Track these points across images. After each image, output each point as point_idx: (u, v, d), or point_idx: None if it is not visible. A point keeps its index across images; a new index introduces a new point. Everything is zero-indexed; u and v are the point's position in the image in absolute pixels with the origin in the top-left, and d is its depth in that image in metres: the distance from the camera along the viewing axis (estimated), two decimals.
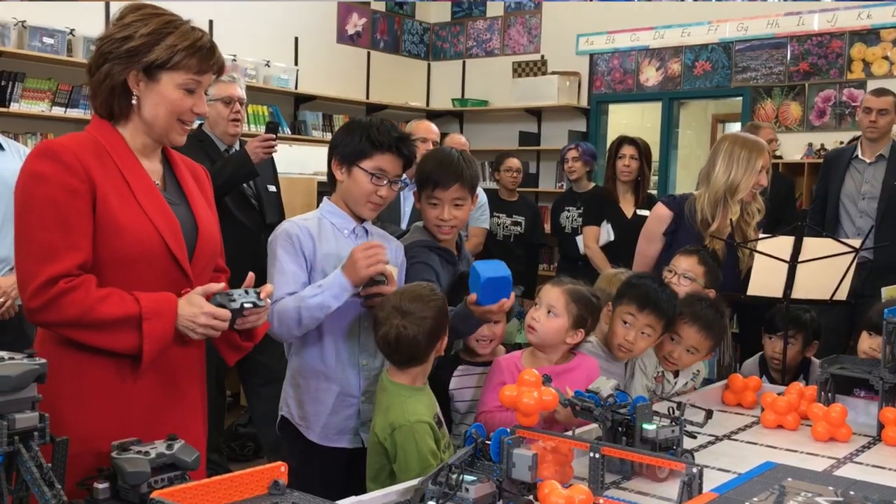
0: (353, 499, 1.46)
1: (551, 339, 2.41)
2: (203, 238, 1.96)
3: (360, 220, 2.44)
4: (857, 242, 3.08)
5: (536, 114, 7.80)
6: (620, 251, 4.75)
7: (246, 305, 1.88)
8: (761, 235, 3.22)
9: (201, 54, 1.88)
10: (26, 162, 1.83)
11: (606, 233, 5.03)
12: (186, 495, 1.07)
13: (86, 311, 1.74)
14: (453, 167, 2.51)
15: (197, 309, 1.82)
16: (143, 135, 1.92)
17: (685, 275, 3.00)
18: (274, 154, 3.98)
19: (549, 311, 2.40)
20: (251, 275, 1.97)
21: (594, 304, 2.46)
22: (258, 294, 1.90)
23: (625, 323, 2.57)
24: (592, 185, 5.68)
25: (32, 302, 1.75)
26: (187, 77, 1.87)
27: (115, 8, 5.88)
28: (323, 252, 2.35)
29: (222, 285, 1.91)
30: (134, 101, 1.88)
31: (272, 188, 4.22)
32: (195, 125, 3.71)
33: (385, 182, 2.35)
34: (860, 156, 4.63)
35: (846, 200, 4.59)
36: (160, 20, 1.87)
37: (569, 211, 5.68)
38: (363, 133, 2.35)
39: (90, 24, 5.80)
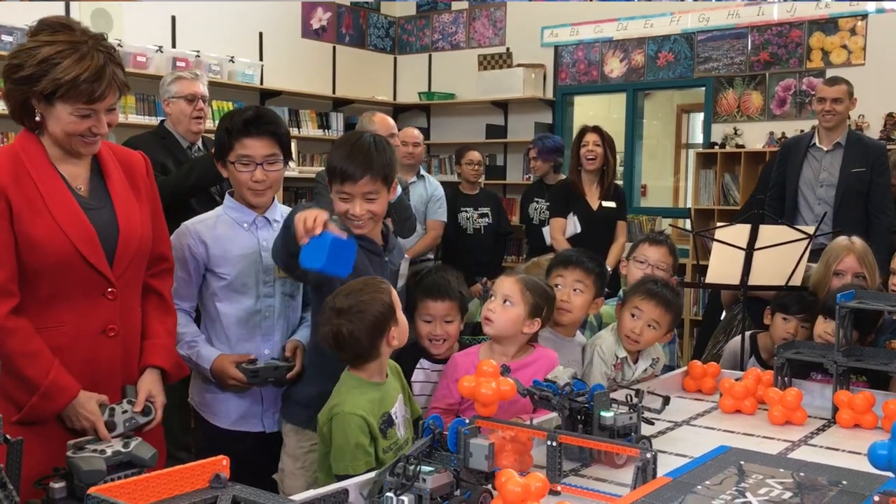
0: (310, 492, 1.48)
1: (508, 330, 2.40)
2: (125, 239, 2.00)
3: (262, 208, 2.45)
4: (812, 229, 3.14)
5: (503, 106, 7.82)
6: (586, 242, 4.79)
7: (126, 425, 1.95)
8: (718, 224, 3.27)
9: (85, 87, 1.86)
10: None
11: (573, 224, 5.06)
12: (125, 490, 1.08)
13: (9, 358, 1.85)
14: (362, 157, 2.25)
15: (87, 420, 1.91)
16: (57, 145, 1.96)
17: (658, 266, 3.06)
18: None
19: (504, 301, 2.41)
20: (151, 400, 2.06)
21: (548, 293, 2.50)
22: (137, 418, 1.97)
23: (556, 286, 2.68)
24: (561, 177, 5.70)
25: None
26: (76, 107, 1.89)
27: (75, 5, 5.88)
28: (218, 250, 2.38)
29: (127, 409, 1.97)
30: (38, 118, 1.93)
31: None
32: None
33: (253, 166, 2.36)
34: (817, 143, 4.68)
35: (804, 188, 4.65)
36: (53, 48, 1.86)
37: (537, 202, 5.70)
38: (221, 129, 2.40)
39: None
